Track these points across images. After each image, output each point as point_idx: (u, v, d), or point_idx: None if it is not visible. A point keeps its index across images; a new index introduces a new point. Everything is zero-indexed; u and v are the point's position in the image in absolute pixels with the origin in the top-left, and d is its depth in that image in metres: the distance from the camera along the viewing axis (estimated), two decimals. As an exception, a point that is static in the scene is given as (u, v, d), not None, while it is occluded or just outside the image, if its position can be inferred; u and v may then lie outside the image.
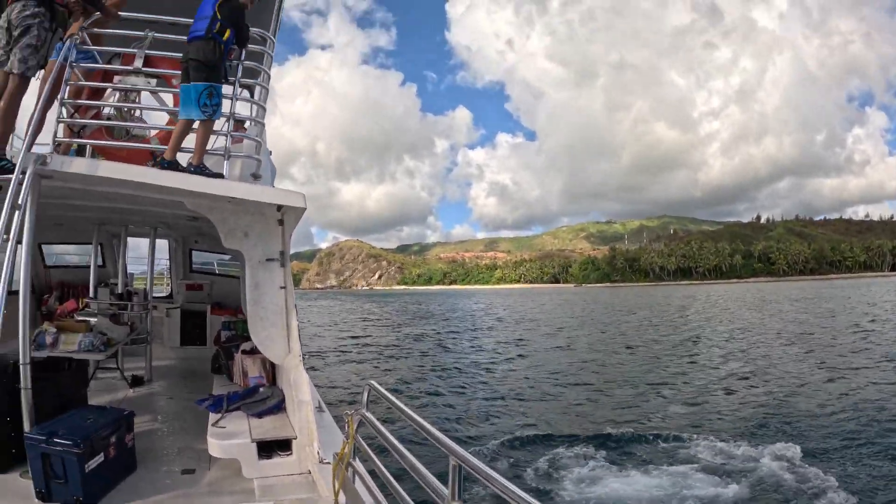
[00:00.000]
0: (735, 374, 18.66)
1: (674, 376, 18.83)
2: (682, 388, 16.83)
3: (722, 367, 20.41)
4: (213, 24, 5.01)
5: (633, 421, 12.90)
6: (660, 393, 16.24)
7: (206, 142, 5.11)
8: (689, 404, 14.71)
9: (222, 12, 5.07)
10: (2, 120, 4.46)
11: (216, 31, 5.02)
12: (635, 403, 14.98)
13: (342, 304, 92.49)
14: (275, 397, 5.50)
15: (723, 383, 17.35)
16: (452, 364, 22.24)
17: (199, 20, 5.10)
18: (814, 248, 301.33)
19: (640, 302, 77.95)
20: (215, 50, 5.03)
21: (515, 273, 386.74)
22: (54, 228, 9.12)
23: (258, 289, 5.23)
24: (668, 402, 14.98)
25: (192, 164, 5.00)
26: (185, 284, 10.87)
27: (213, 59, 5.01)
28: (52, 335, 5.80)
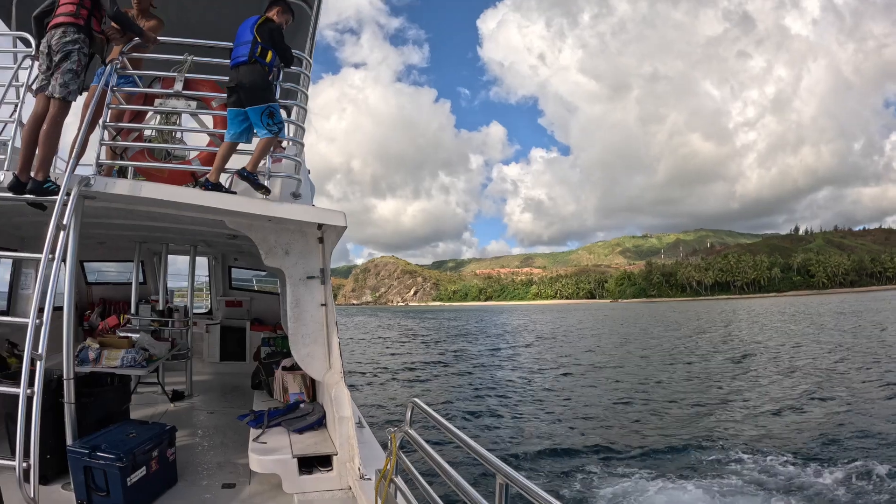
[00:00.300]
0: (797, 391, 17.99)
1: (727, 393, 18.22)
2: (738, 405, 16.27)
3: (780, 382, 19.78)
4: (254, 47, 5.10)
5: (680, 436, 12.66)
6: (711, 409, 15.78)
7: (265, 154, 5.18)
8: (744, 421, 14.23)
9: (261, 35, 5.16)
10: (46, 143, 4.53)
11: (258, 55, 5.11)
12: (682, 419, 14.67)
13: (378, 320, 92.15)
14: (315, 413, 5.51)
15: (783, 400, 16.72)
16: (492, 381, 21.87)
17: (240, 45, 5.19)
18: (853, 260, 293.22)
19: (681, 317, 75.88)
20: (262, 73, 5.12)
21: (551, 289, 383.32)
22: (96, 247, 9.28)
23: (299, 306, 5.28)
24: (720, 419, 14.53)
25: (246, 170, 5.07)
26: (224, 301, 11.00)
27: (262, 82, 5.10)
28: (95, 351, 5.85)
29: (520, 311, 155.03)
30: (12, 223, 6.61)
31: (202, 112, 5.93)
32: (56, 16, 4.64)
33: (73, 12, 4.62)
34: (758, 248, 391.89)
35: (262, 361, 7.31)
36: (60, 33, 4.56)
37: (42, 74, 4.63)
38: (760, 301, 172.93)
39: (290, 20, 5.80)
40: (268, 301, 11.09)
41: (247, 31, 5.21)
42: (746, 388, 18.91)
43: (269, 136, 5.09)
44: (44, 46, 4.62)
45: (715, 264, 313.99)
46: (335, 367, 5.19)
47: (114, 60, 5.27)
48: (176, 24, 6.84)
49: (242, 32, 5.26)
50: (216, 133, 5.79)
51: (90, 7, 4.71)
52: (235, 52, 5.20)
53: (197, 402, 7.79)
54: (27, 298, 7.70)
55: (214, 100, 5.82)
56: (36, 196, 4.51)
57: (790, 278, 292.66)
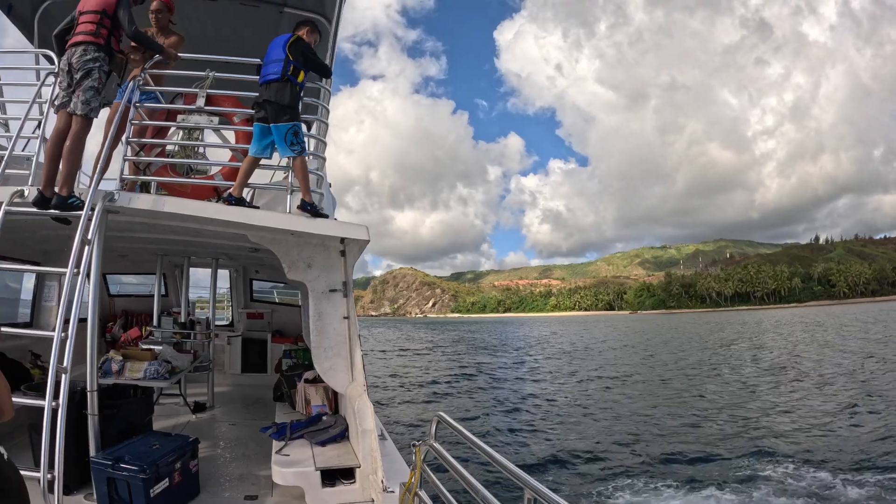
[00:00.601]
0: (833, 402, 17.53)
1: (762, 406, 17.75)
2: (774, 418, 15.87)
3: (816, 394, 19.35)
4: (286, 66, 5.16)
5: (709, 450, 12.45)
6: (744, 422, 15.36)
7: (307, 177, 5.20)
8: (782, 434, 13.85)
9: (294, 54, 5.23)
10: (69, 159, 4.58)
11: (290, 74, 5.17)
12: (711, 432, 14.35)
13: (398, 332, 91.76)
14: (338, 426, 5.50)
15: (820, 412, 16.34)
16: (514, 393, 21.57)
17: (272, 63, 5.24)
18: (874, 269, 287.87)
19: (704, 329, 74.20)
20: (292, 91, 5.18)
21: (570, 301, 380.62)
22: (119, 260, 9.37)
23: (321, 319, 5.28)
24: (754, 432, 14.16)
25: (307, 202, 5.10)
26: (246, 313, 11.03)
27: (291, 101, 5.15)
28: (119, 363, 5.87)
29: (539, 323, 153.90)
30: (36, 236, 6.67)
31: (224, 127, 6.03)
32: (76, 34, 4.71)
33: (93, 31, 4.68)
34: (778, 258, 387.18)
35: (284, 374, 7.32)
36: (81, 51, 4.63)
37: (63, 91, 4.69)
38: (781, 311, 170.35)
39: (318, 40, 5.88)
40: (289, 313, 11.12)
41: (278, 49, 5.27)
42: (781, 401, 18.44)
43: (291, 154, 5.14)
44: (64, 64, 4.69)
45: (735, 275, 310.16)
46: (358, 379, 5.17)
47: (136, 77, 5.33)
48: (198, 40, 6.94)
49: (273, 50, 5.32)
50: (238, 148, 5.86)
51: (110, 26, 4.76)
52: (266, 69, 5.26)
53: (218, 414, 7.80)
54: (50, 310, 7.79)
55: (236, 115, 5.88)
56: (61, 211, 4.55)
57: (811, 288, 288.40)
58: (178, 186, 5.68)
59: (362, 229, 5.07)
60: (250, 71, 5.67)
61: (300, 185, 5.16)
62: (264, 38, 7.53)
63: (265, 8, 7.28)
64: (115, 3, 4.78)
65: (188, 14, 6.98)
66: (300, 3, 7.18)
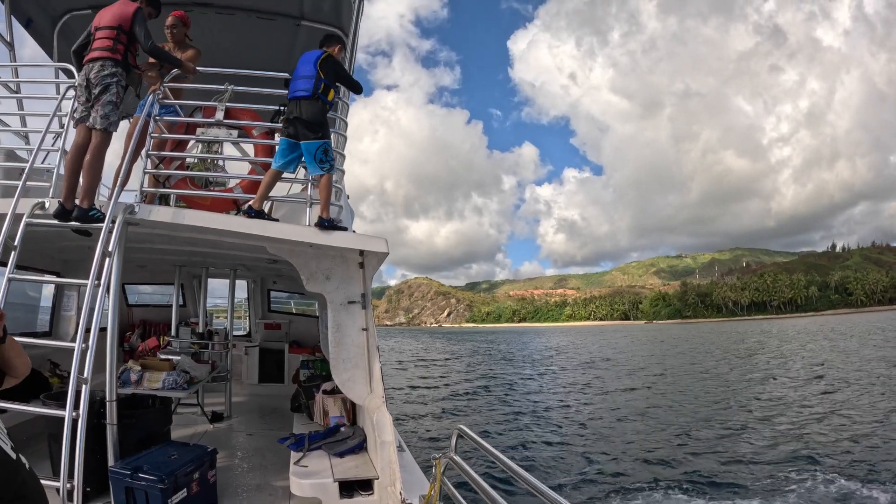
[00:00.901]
0: (871, 413, 17.05)
1: (796, 419, 17.11)
2: (813, 431, 15.29)
3: (851, 404, 18.87)
4: (317, 84, 5.17)
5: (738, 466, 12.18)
6: (780, 436, 14.85)
7: (329, 195, 5.20)
8: (820, 447, 13.36)
9: (325, 72, 5.24)
10: (90, 172, 4.63)
11: (321, 92, 5.19)
12: (741, 447, 13.93)
13: (415, 342, 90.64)
14: (356, 437, 5.47)
15: (855, 421, 15.97)
16: (534, 405, 21.16)
17: (302, 79, 5.24)
18: (892, 276, 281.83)
19: (724, 339, 71.97)
20: (322, 109, 5.20)
21: (585, 310, 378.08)
22: (137, 270, 9.43)
23: (340, 330, 5.26)
24: (789, 445, 13.73)
25: (324, 219, 5.08)
26: (263, 324, 11.06)
27: (320, 118, 5.17)
28: (137, 373, 5.90)
29: (555, 333, 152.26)
30: (56, 247, 6.73)
31: (243, 140, 6.04)
32: (92, 50, 4.76)
33: (110, 47, 4.74)
34: (794, 267, 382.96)
35: (302, 385, 7.31)
36: (98, 67, 4.68)
37: (82, 106, 4.74)
38: (799, 321, 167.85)
39: (344, 56, 5.94)
40: (306, 324, 11.14)
41: (309, 65, 5.28)
42: (817, 412, 17.94)
43: (321, 172, 5.14)
44: (81, 79, 4.74)
45: (751, 284, 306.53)
46: (376, 391, 5.15)
47: (156, 91, 5.38)
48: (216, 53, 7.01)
49: (304, 66, 5.32)
50: (257, 161, 5.90)
51: (126, 42, 4.81)
52: (296, 84, 5.26)
53: (236, 424, 7.80)
54: (69, 319, 7.86)
55: (255, 128, 5.92)
56: (82, 223, 4.60)
57: (828, 297, 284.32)
58: (197, 199, 5.73)
59: (381, 242, 5.07)
60: (268, 84, 5.70)
61: (321, 202, 5.15)
62: (282, 51, 7.64)
63: (282, 21, 7.34)
64: (130, 19, 4.83)
65: (206, 27, 7.07)
66: (317, 16, 7.24)
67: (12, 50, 6.83)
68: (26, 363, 2.16)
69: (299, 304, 12.06)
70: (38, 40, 7.29)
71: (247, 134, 5.99)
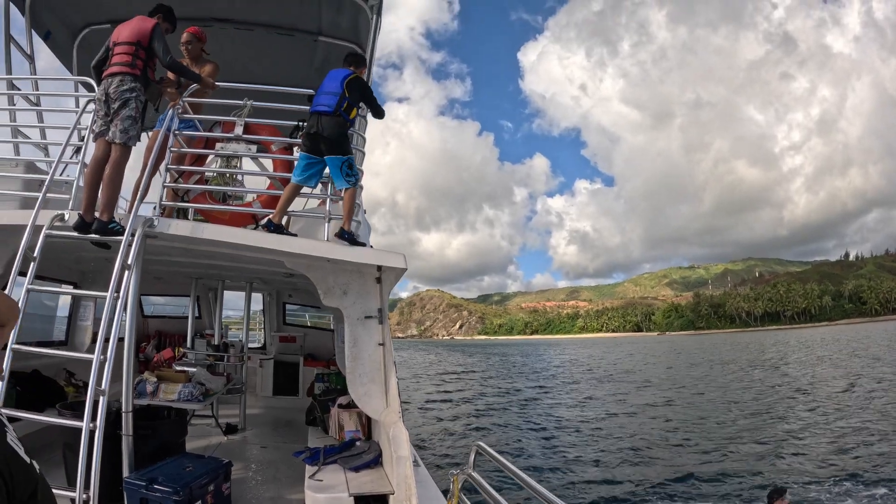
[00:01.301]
0: None
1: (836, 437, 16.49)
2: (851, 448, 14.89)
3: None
4: (341, 102, 5.21)
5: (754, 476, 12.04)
6: (791, 453, 14.49)
7: (353, 209, 5.21)
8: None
9: (351, 92, 5.28)
10: (109, 186, 4.65)
11: (344, 110, 5.22)
12: (756, 461, 13.74)
13: (425, 355, 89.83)
14: (371, 452, 5.43)
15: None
16: (552, 419, 20.79)
17: (327, 94, 5.27)
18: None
19: (742, 352, 69.83)
20: (343, 126, 5.21)
21: (597, 322, 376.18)
22: (154, 282, 9.43)
23: (357, 345, 5.22)
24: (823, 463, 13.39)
25: (345, 231, 5.11)
26: (278, 336, 11.01)
27: (343, 134, 5.20)
28: (153, 384, 5.90)
29: (569, 345, 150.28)
30: (74, 258, 6.75)
31: (262, 156, 6.05)
32: (111, 65, 4.78)
33: (129, 62, 4.75)
34: (808, 276, 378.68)
35: (318, 398, 7.27)
36: (118, 81, 4.69)
37: (101, 120, 4.76)
38: (814, 331, 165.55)
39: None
40: (321, 337, 11.10)
41: (336, 83, 5.30)
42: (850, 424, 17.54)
43: (347, 186, 5.15)
44: (100, 93, 4.76)
45: (764, 294, 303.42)
46: (392, 405, 5.10)
47: (175, 105, 5.40)
48: (234, 69, 7.05)
49: (330, 83, 5.34)
50: (276, 176, 5.90)
51: (145, 57, 4.84)
52: (319, 99, 5.28)
53: (250, 436, 7.77)
54: (86, 330, 7.87)
55: (274, 143, 5.93)
56: (101, 236, 4.62)
57: (841, 306, 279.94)
58: (215, 213, 5.72)
59: (399, 258, 5.04)
60: (287, 99, 5.71)
61: (344, 214, 5.15)
62: (300, 66, 7.68)
63: (300, 37, 7.36)
64: (149, 34, 4.86)
65: (225, 43, 7.12)
66: (335, 32, 7.27)
67: (32, 63, 6.90)
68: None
69: (314, 317, 12.03)
70: (58, 53, 7.36)
71: (265, 149, 6.01)
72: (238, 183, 6.12)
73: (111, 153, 4.67)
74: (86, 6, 6.97)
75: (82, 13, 7.08)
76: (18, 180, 5.43)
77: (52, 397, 6.34)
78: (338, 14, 6.92)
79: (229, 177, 6.01)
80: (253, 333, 11.90)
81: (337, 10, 6.86)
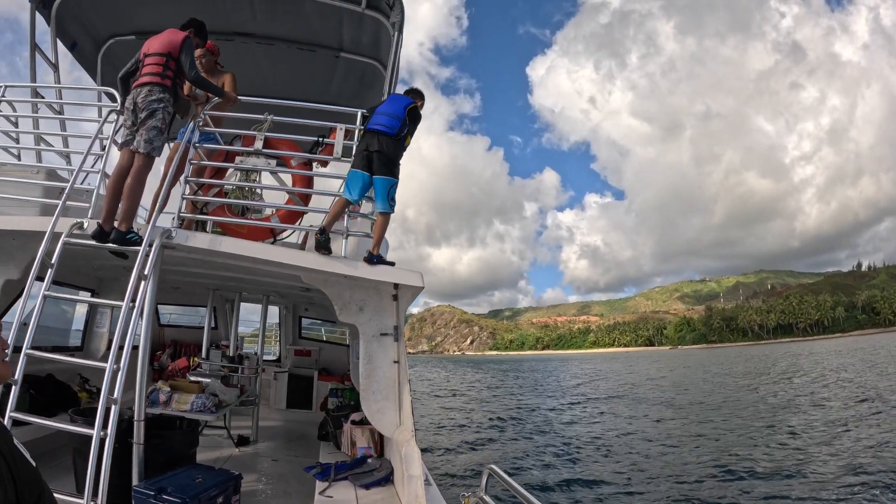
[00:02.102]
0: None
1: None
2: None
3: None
4: (403, 127, 5.22)
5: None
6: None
7: (384, 233, 5.17)
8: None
9: (412, 120, 5.34)
10: (130, 196, 4.61)
11: (402, 136, 5.24)
12: (800, 481, 12.73)
13: (437, 372, 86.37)
14: (383, 469, 5.36)
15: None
16: (569, 441, 19.49)
17: (389, 116, 5.25)
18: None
19: (759, 365, 65.48)
20: (400, 150, 5.24)
21: (609, 337, 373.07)
22: (171, 291, 9.45)
23: (371, 362, 5.16)
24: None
25: (373, 255, 5.04)
26: (293, 350, 10.95)
27: (398, 158, 5.21)
28: (166, 394, 5.84)
29: (582, 361, 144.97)
30: (92, 265, 6.74)
31: (281, 170, 6.03)
32: (142, 75, 4.77)
33: (160, 73, 4.74)
34: (820, 288, 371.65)
35: (331, 413, 7.19)
36: (147, 91, 4.67)
37: (127, 129, 4.74)
38: (829, 342, 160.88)
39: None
40: (336, 352, 11.02)
41: (399, 108, 5.31)
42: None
43: (387, 209, 5.11)
44: (129, 103, 4.74)
45: (776, 306, 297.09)
46: (406, 423, 5.02)
47: (196, 118, 5.39)
48: (256, 83, 7.04)
49: (393, 106, 5.36)
50: (295, 191, 5.88)
51: (175, 69, 4.83)
52: (379, 118, 5.26)
53: (262, 449, 7.66)
54: (101, 336, 7.88)
55: (293, 158, 5.91)
56: (119, 246, 4.59)
57: (854, 317, 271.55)
58: (234, 226, 5.70)
59: (417, 276, 4.99)
60: (308, 115, 5.70)
61: (374, 238, 5.11)
62: (321, 81, 7.68)
63: (322, 53, 7.36)
64: (179, 47, 4.85)
65: (246, 57, 7.15)
66: (356, 48, 7.25)
67: (56, 72, 6.90)
68: None
69: (330, 331, 11.96)
70: (83, 63, 7.39)
71: (285, 163, 5.99)
72: (257, 197, 6.09)
73: (134, 162, 4.65)
74: (111, 18, 7.00)
75: (108, 25, 7.12)
76: (39, 187, 5.43)
77: (65, 402, 6.33)
78: (359, 30, 6.89)
79: (248, 190, 5.97)
80: (269, 346, 11.85)
81: (358, 27, 6.82)
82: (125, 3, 6.66)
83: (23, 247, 4.99)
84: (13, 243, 5.10)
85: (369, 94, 7.50)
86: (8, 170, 5.61)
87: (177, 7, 5.17)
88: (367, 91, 7.72)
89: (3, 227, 4.95)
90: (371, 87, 7.57)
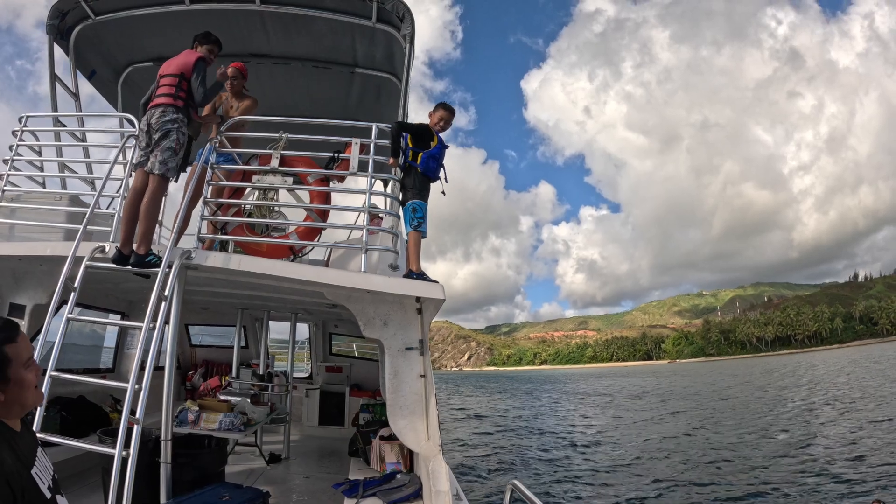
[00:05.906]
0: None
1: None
2: None
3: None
4: (405, 151, 5.21)
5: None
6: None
7: (417, 251, 5.05)
8: None
9: (413, 138, 5.28)
10: (146, 218, 4.40)
11: (408, 158, 5.21)
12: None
13: (445, 390, 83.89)
14: (412, 485, 5.00)
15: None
16: (589, 458, 18.62)
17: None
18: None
19: (766, 378, 62.94)
20: (406, 176, 5.23)
21: (607, 352, 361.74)
22: (200, 311, 9.33)
23: (397, 377, 4.90)
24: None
25: (413, 271, 4.93)
26: (325, 367, 10.56)
27: (409, 185, 5.21)
28: (195, 413, 5.69)
29: (582, 376, 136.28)
30: (120, 288, 6.63)
31: (298, 188, 5.79)
32: (156, 96, 4.57)
33: (172, 93, 4.54)
34: (817, 299, 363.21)
35: (361, 430, 6.82)
36: (160, 112, 4.46)
37: (142, 151, 4.54)
38: (827, 353, 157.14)
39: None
40: (367, 367, 10.63)
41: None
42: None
43: (409, 230, 5.04)
44: (143, 124, 4.53)
45: (774, 318, 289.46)
46: (433, 438, 4.73)
47: (213, 140, 5.18)
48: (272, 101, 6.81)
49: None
50: (313, 208, 5.63)
51: (187, 90, 4.60)
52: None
53: (293, 466, 7.29)
54: (131, 358, 7.72)
55: (310, 175, 5.66)
56: (138, 268, 4.37)
57: (852, 328, 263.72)
58: (253, 245, 5.45)
59: (438, 288, 4.71)
60: (323, 131, 5.48)
61: (410, 255, 5.04)
62: (336, 98, 7.46)
63: (337, 69, 7.13)
64: (192, 67, 4.62)
65: (262, 76, 6.92)
66: (371, 63, 7.02)
67: (77, 101, 6.75)
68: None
69: (361, 347, 11.58)
70: (102, 91, 7.24)
71: (302, 181, 5.73)
72: (276, 214, 5.81)
73: (148, 184, 4.41)
74: (128, 46, 6.84)
75: (125, 52, 6.96)
76: (63, 213, 5.26)
77: (96, 423, 6.17)
78: (371, 45, 6.64)
79: (266, 209, 5.69)
80: (300, 364, 11.51)
81: (371, 41, 6.57)
82: (141, 31, 6.48)
83: (50, 272, 4.83)
84: (41, 268, 5.00)
85: (387, 108, 7.25)
86: (33, 197, 5.49)
87: (193, 33, 4.96)
88: (384, 105, 7.50)
89: (30, 252, 4.83)
90: (388, 101, 7.33)
